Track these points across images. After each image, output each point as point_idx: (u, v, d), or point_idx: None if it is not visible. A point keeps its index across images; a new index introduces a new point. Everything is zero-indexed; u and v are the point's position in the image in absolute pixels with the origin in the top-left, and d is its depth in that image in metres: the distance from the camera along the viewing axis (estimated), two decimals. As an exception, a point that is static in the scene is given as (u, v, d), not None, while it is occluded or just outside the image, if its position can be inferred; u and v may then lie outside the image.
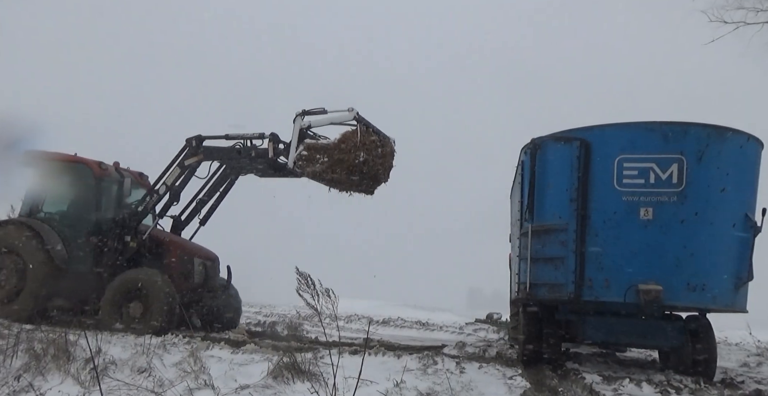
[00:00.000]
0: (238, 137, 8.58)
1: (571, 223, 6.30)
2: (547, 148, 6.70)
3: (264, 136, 8.42)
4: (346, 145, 7.71)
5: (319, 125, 8.09)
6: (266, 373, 5.07)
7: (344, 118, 7.96)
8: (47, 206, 9.15)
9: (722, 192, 6.07)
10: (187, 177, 8.82)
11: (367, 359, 5.44)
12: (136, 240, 8.59)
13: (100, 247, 8.62)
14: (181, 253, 8.82)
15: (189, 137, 8.79)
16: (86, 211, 8.94)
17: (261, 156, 8.44)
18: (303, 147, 7.91)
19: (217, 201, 9.26)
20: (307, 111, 8.02)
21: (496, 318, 16.65)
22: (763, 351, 10.61)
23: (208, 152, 8.77)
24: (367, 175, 7.78)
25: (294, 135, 8.00)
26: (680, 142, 6.10)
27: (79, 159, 9.08)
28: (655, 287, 5.85)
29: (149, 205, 8.76)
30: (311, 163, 7.82)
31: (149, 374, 5.13)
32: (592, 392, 5.13)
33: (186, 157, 8.76)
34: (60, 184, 9.18)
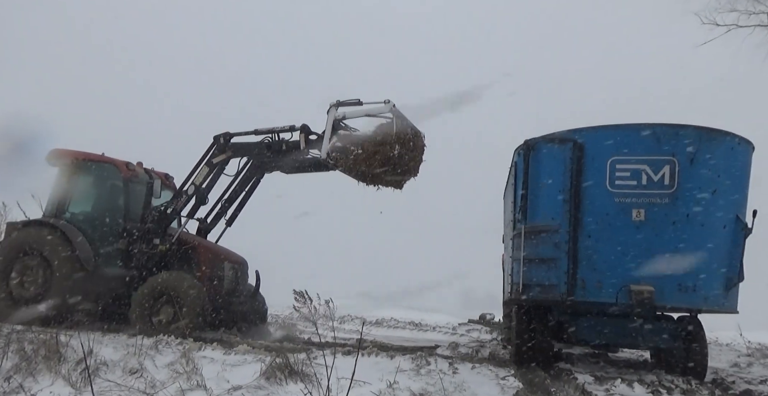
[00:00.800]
0: (267, 132, 8.38)
1: (564, 224, 6.32)
2: (540, 149, 6.72)
3: (294, 128, 8.22)
4: (382, 138, 7.57)
5: (354, 116, 7.95)
6: (259, 374, 5.06)
7: (380, 110, 7.82)
8: (73, 207, 8.92)
9: (713, 194, 6.11)
10: (215, 176, 8.62)
11: (361, 360, 5.44)
12: (165, 243, 8.39)
13: (128, 249, 8.44)
14: (212, 257, 8.62)
15: (216, 134, 8.59)
16: (114, 213, 8.75)
17: (292, 149, 8.24)
18: (337, 139, 7.76)
19: (243, 201, 9.01)
20: (342, 102, 7.86)
21: (489, 319, 16.68)
22: (753, 351, 10.69)
23: (237, 149, 8.56)
24: (399, 169, 7.65)
25: (328, 126, 7.81)
26: (672, 144, 6.13)
27: (106, 159, 8.90)
28: (646, 288, 5.88)
29: (178, 206, 8.55)
30: (345, 155, 7.67)
31: (141, 375, 5.11)
32: (584, 392, 5.15)
33: (214, 155, 8.57)
34: (87, 185, 9.02)
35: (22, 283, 8.23)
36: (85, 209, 8.96)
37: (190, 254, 8.53)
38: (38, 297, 8.07)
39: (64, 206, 8.78)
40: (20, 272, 8.24)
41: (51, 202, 8.85)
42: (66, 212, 8.77)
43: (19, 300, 8.14)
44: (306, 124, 8.19)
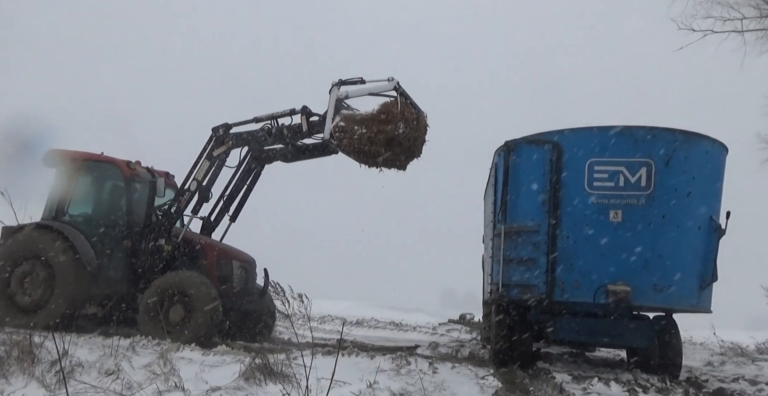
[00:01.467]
0: (266, 118, 8.16)
1: (543, 225, 6.39)
2: (520, 150, 6.78)
3: (295, 111, 8.03)
4: (387, 116, 7.37)
5: (357, 95, 7.77)
6: (238, 375, 5.03)
7: (384, 88, 7.65)
8: (72, 208, 8.63)
9: (688, 195, 6.23)
10: (217, 169, 8.38)
11: (341, 360, 5.43)
12: (171, 243, 8.15)
13: (132, 251, 8.17)
14: (219, 256, 8.34)
15: (215, 126, 8.36)
16: (116, 214, 8.48)
17: (294, 132, 8.05)
18: (340, 118, 7.55)
19: (245, 195, 8.79)
20: (344, 81, 7.67)
21: (469, 318, 16.77)
22: (726, 350, 10.90)
23: (237, 138, 8.31)
24: (403, 149, 7.51)
25: (330, 106, 7.62)
26: (649, 146, 6.23)
27: (107, 158, 8.60)
28: (623, 288, 5.97)
29: (182, 204, 8.29)
30: (348, 134, 7.44)
31: (117, 377, 5.03)
32: (562, 391, 5.21)
33: (214, 147, 8.32)
34: (87, 185, 8.76)
35: (22, 289, 7.92)
36: (85, 211, 8.71)
37: (196, 254, 8.28)
38: (41, 303, 7.78)
39: (63, 208, 8.50)
40: (20, 278, 7.93)
41: (49, 204, 8.56)
42: (66, 214, 8.51)
43: (21, 307, 7.83)
44: (306, 106, 8.02)
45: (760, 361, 9.46)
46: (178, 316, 7.43)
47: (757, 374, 7.75)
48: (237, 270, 8.49)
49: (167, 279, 7.66)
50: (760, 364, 8.96)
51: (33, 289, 7.88)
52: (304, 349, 6.14)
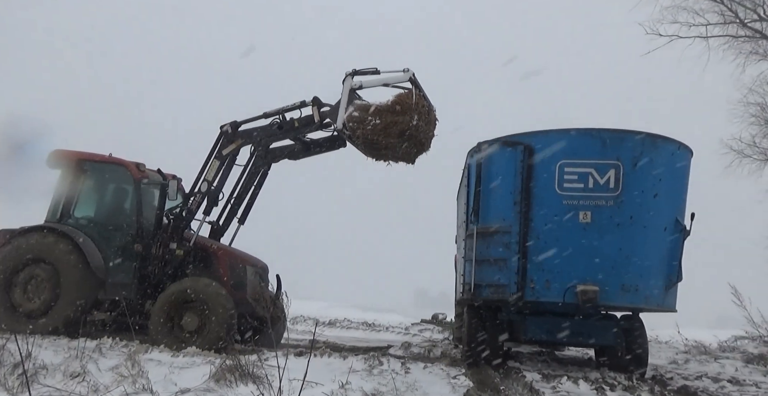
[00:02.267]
0: (276, 113, 7.97)
1: (515, 226, 6.46)
2: (493, 152, 6.85)
3: (305, 103, 7.85)
4: (402, 107, 7.24)
5: (371, 86, 7.63)
6: (208, 376, 4.96)
7: (399, 79, 7.52)
8: (78, 211, 8.29)
9: (655, 197, 6.37)
10: (227, 168, 8.13)
11: (313, 361, 5.41)
12: (183, 247, 7.84)
13: (143, 255, 7.86)
14: (233, 262, 8.04)
15: (223, 124, 8.14)
16: (125, 217, 8.16)
17: (306, 124, 7.86)
18: (353, 108, 7.40)
19: (253, 197, 8.52)
20: (358, 71, 7.54)
21: (441, 318, 16.85)
22: (690, 349, 11.19)
23: (246, 135, 8.08)
24: (415, 142, 7.40)
25: (344, 95, 7.48)
26: (617, 148, 6.36)
27: (115, 159, 8.28)
28: (592, 288, 6.07)
29: (193, 206, 8.00)
30: (362, 125, 7.30)
31: (83, 379, 4.91)
32: (532, 390, 5.28)
33: (223, 146, 8.08)
34: (94, 187, 8.45)
35: (25, 293, 7.59)
36: (92, 213, 8.38)
37: (209, 259, 7.98)
38: (46, 308, 7.46)
39: (69, 210, 8.17)
40: (24, 282, 7.60)
41: (54, 206, 8.22)
42: (71, 217, 8.19)
43: (24, 312, 7.49)
44: (317, 97, 7.87)
45: (722, 359, 9.73)
46: (193, 325, 7.13)
47: (720, 372, 7.97)
48: (251, 276, 8.21)
49: (181, 285, 7.34)
50: (722, 362, 9.22)
51: (37, 294, 7.55)
52: (277, 350, 6.10)
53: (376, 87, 7.65)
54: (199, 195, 8.00)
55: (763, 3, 14.90)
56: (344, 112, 7.44)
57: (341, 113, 7.47)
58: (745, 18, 15.19)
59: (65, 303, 7.41)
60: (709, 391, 5.92)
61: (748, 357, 9.65)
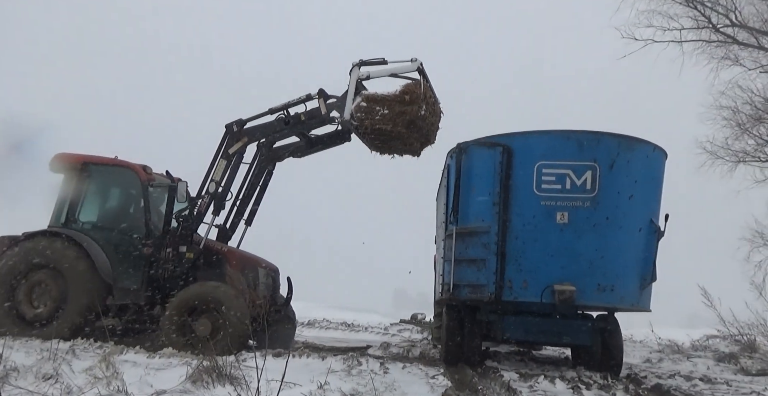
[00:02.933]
0: (281, 108, 7.83)
1: (493, 226, 6.51)
2: (472, 153, 6.90)
3: (311, 96, 7.72)
4: (410, 96, 7.16)
5: (379, 76, 7.55)
6: (185, 378, 4.90)
7: (406, 68, 7.45)
8: (84, 215, 8.08)
9: (630, 198, 6.47)
10: (235, 167, 7.96)
11: (291, 361, 5.38)
12: (193, 250, 7.65)
13: (152, 259, 7.66)
14: (244, 264, 7.90)
15: (228, 123, 7.98)
16: (133, 220, 7.97)
17: (312, 117, 7.73)
18: (361, 98, 7.32)
19: (259, 197, 8.40)
20: (365, 61, 7.46)
21: (420, 318, 16.91)
22: (663, 348, 11.39)
23: (252, 133, 7.92)
24: (422, 133, 7.35)
25: (351, 86, 7.40)
26: (594, 150, 6.45)
27: (121, 162, 8.09)
28: (569, 288, 6.14)
29: (202, 208, 7.81)
30: (370, 115, 7.22)
31: (56, 381, 4.82)
32: (510, 389, 5.32)
33: (229, 145, 7.92)
34: (100, 191, 8.26)
35: (30, 300, 7.39)
36: (98, 217, 8.19)
37: (220, 262, 7.79)
38: (51, 315, 7.25)
39: (74, 214, 7.96)
40: (28, 289, 7.40)
41: (58, 211, 8.00)
42: (76, 221, 7.97)
43: (28, 319, 7.28)
44: (323, 89, 7.76)
45: (694, 357, 9.93)
46: (206, 330, 6.92)
47: (692, 370, 8.14)
48: (263, 278, 8.09)
49: (193, 290, 7.18)
50: (694, 361, 9.41)
51: (42, 300, 7.36)
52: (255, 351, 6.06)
53: (383, 77, 7.59)
54: (207, 196, 7.84)
55: (734, 9, 15.24)
56: (351, 103, 7.37)
57: (348, 104, 7.39)
58: (717, 23, 15.53)
59: (72, 309, 7.22)
60: (682, 390, 6.03)
61: (719, 356, 9.87)
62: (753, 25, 15.23)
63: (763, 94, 15.62)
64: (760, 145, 16.01)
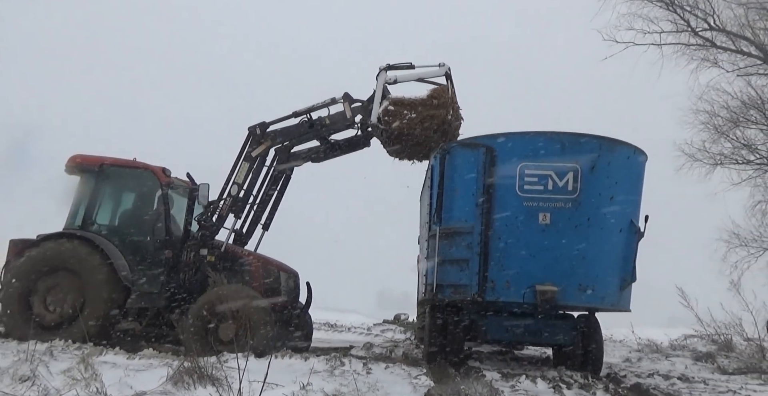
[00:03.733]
0: (306, 112, 7.81)
1: (477, 227, 6.54)
2: (455, 153, 6.92)
3: (335, 100, 7.72)
4: (438, 100, 7.22)
5: (406, 80, 7.59)
6: (165, 379, 4.85)
7: (434, 73, 7.51)
8: (101, 217, 7.94)
9: (611, 199, 6.54)
10: (258, 169, 7.90)
11: (274, 362, 5.34)
12: (214, 253, 7.56)
13: (172, 262, 7.53)
14: (266, 268, 7.79)
15: (251, 125, 7.91)
16: (152, 223, 7.81)
17: (337, 121, 7.72)
18: (389, 102, 7.33)
19: (276, 202, 8.31)
20: (393, 65, 7.49)
21: (403, 319, 16.96)
22: (643, 347, 11.55)
23: (275, 135, 7.87)
24: (446, 137, 7.33)
25: (378, 90, 7.44)
26: (575, 151, 6.51)
27: (141, 164, 7.95)
28: (550, 288, 6.19)
29: (224, 210, 7.74)
30: (398, 118, 7.24)
31: (33, 383, 4.74)
32: (492, 389, 5.34)
33: (252, 147, 7.87)
34: (119, 193, 8.13)
35: (45, 304, 7.20)
36: (115, 220, 8.06)
37: (241, 265, 7.71)
38: (68, 318, 7.11)
39: (91, 217, 7.80)
40: (44, 292, 7.22)
41: (75, 213, 7.86)
42: (94, 224, 7.82)
43: (44, 322, 7.11)
44: (348, 93, 7.75)
45: (673, 357, 10.09)
46: (230, 334, 6.81)
47: (670, 370, 8.26)
48: (285, 282, 7.98)
49: (216, 293, 7.06)
50: (673, 360, 9.57)
51: (58, 303, 7.20)
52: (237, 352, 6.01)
53: (410, 82, 7.62)
54: (229, 199, 7.76)
55: (713, 13, 15.51)
56: (379, 106, 7.38)
57: (376, 107, 7.42)
58: (696, 27, 15.79)
59: (91, 312, 7.07)
60: (660, 388, 6.11)
61: (697, 355, 10.04)
62: (731, 29, 15.52)
63: (740, 98, 15.93)
64: (736, 148, 16.33)
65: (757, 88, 15.75)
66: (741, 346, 10.25)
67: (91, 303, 7.13)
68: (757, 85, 15.77)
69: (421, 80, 7.70)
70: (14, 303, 7.20)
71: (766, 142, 16.16)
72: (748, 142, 16.19)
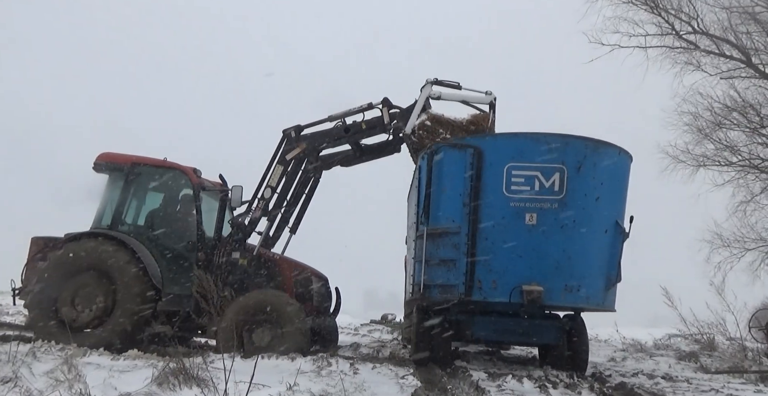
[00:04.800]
0: (341, 116, 7.76)
1: (464, 227, 6.56)
2: (443, 154, 6.93)
3: (372, 105, 7.67)
4: (476, 128, 7.21)
5: (449, 99, 7.56)
6: (150, 380, 4.81)
7: (479, 100, 7.50)
8: (130, 217, 7.84)
9: (597, 200, 6.60)
10: (292, 173, 7.84)
11: (260, 363, 5.32)
12: (247, 257, 7.51)
13: (205, 265, 7.43)
14: (298, 272, 7.75)
15: (286, 129, 7.86)
16: (183, 224, 7.73)
17: (373, 126, 7.70)
18: (427, 117, 7.28)
19: (304, 205, 8.24)
20: (441, 81, 7.47)
21: (390, 319, 16.94)
22: (627, 347, 11.67)
23: (310, 139, 7.82)
24: None
25: (420, 102, 7.40)
26: (562, 152, 6.55)
27: (171, 164, 7.85)
28: (536, 288, 6.23)
29: (257, 214, 7.67)
30: (431, 135, 7.24)
31: (15, 385, 4.67)
32: (478, 389, 5.36)
33: (286, 150, 7.81)
34: (148, 193, 8.00)
35: (73, 304, 7.06)
36: (146, 220, 7.90)
37: (273, 269, 7.68)
38: (97, 320, 7.00)
39: (120, 217, 7.68)
40: (73, 292, 7.08)
41: (104, 213, 7.73)
42: (123, 224, 7.70)
43: (71, 324, 6.95)
44: (387, 98, 7.71)
45: (657, 356, 10.20)
46: (265, 339, 6.81)
47: (654, 369, 8.34)
48: (316, 287, 7.93)
49: (251, 298, 7.01)
50: (657, 359, 9.66)
51: (87, 305, 7.06)
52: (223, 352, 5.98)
53: (453, 101, 7.61)
54: (263, 202, 7.71)
55: (697, 16, 15.71)
56: (416, 119, 7.36)
57: (413, 119, 7.39)
58: (680, 30, 15.98)
59: (122, 315, 6.95)
60: (645, 388, 6.17)
61: (680, 354, 10.15)
62: (714, 33, 15.73)
63: (722, 100, 16.15)
64: (719, 149, 16.54)
65: (740, 90, 15.98)
66: (724, 345, 10.40)
67: (122, 305, 7.01)
68: (740, 87, 16.01)
69: (465, 103, 7.71)
70: (42, 303, 7.07)
71: (749, 144, 16.39)
72: (731, 144, 16.41)
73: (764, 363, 8.86)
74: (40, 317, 7.04)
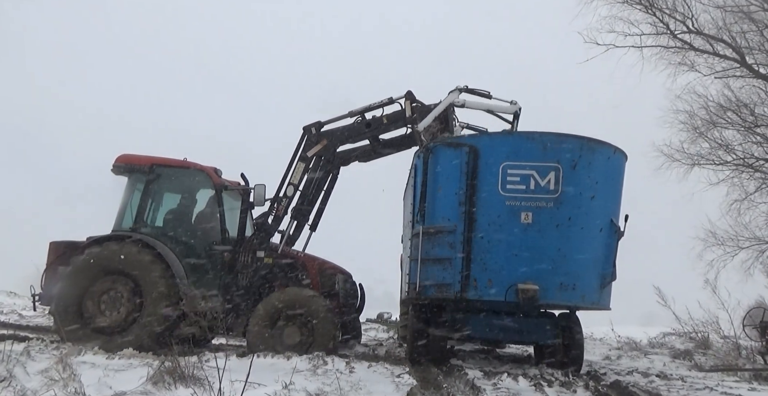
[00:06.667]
0: (362, 111, 7.74)
1: (459, 226, 6.56)
2: (439, 153, 6.94)
3: (393, 100, 7.65)
4: None
5: (474, 108, 7.56)
6: (145, 379, 4.80)
7: (504, 109, 7.51)
8: (152, 219, 7.78)
9: (592, 199, 6.62)
10: (314, 169, 7.79)
11: (256, 361, 5.32)
12: (271, 255, 7.46)
13: (229, 264, 7.40)
14: (322, 270, 7.72)
15: (306, 125, 7.81)
16: (206, 224, 7.66)
17: (396, 120, 7.67)
18: (437, 129, 7.33)
19: (323, 202, 8.18)
20: (471, 89, 7.47)
21: (386, 318, 16.97)
22: (622, 345, 11.72)
23: (332, 135, 7.76)
24: None
25: (441, 105, 7.43)
26: (557, 151, 6.56)
27: (193, 164, 7.79)
28: (532, 287, 6.24)
29: (280, 212, 7.61)
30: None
31: (9, 384, 4.65)
32: (474, 387, 5.37)
33: (307, 147, 7.77)
34: (170, 194, 7.95)
35: (99, 307, 7.00)
36: (168, 221, 7.85)
37: (297, 268, 7.64)
38: (124, 323, 6.93)
39: (143, 218, 7.61)
40: (98, 295, 7.02)
41: (125, 215, 7.67)
42: (145, 225, 7.65)
43: (98, 327, 6.93)
44: (411, 91, 7.66)
45: (651, 354, 10.25)
46: (295, 338, 6.81)
47: (649, 367, 8.38)
48: (342, 285, 7.90)
49: (280, 297, 6.97)
50: (651, 358, 9.71)
51: (113, 308, 7.01)
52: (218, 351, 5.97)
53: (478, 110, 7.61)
54: (286, 200, 7.67)
55: (691, 16, 15.75)
56: (431, 120, 7.40)
57: (428, 119, 7.41)
58: (675, 30, 16.02)
59: (150, 317, 6.89)
60: (639, 386, 6.19)
61: (675, 352, 10.21)
62: (708, 32, 15.77)
63: (717, 99, 16.20)
64: (713, 148, 16.59)
65: (735, 89, 16.03)
66: (717, 343, 10.46)
67: (149, 307, 6.95)
68: (735, 86, 16.06)
69: (489, 112, 7.72)
70: (68, 308, 7.01)
71: (743, 143, 16.46)
72: (725, 143, 16.47)
73: (758, 361, 8.91)
74: (68, 322, 6.94)
